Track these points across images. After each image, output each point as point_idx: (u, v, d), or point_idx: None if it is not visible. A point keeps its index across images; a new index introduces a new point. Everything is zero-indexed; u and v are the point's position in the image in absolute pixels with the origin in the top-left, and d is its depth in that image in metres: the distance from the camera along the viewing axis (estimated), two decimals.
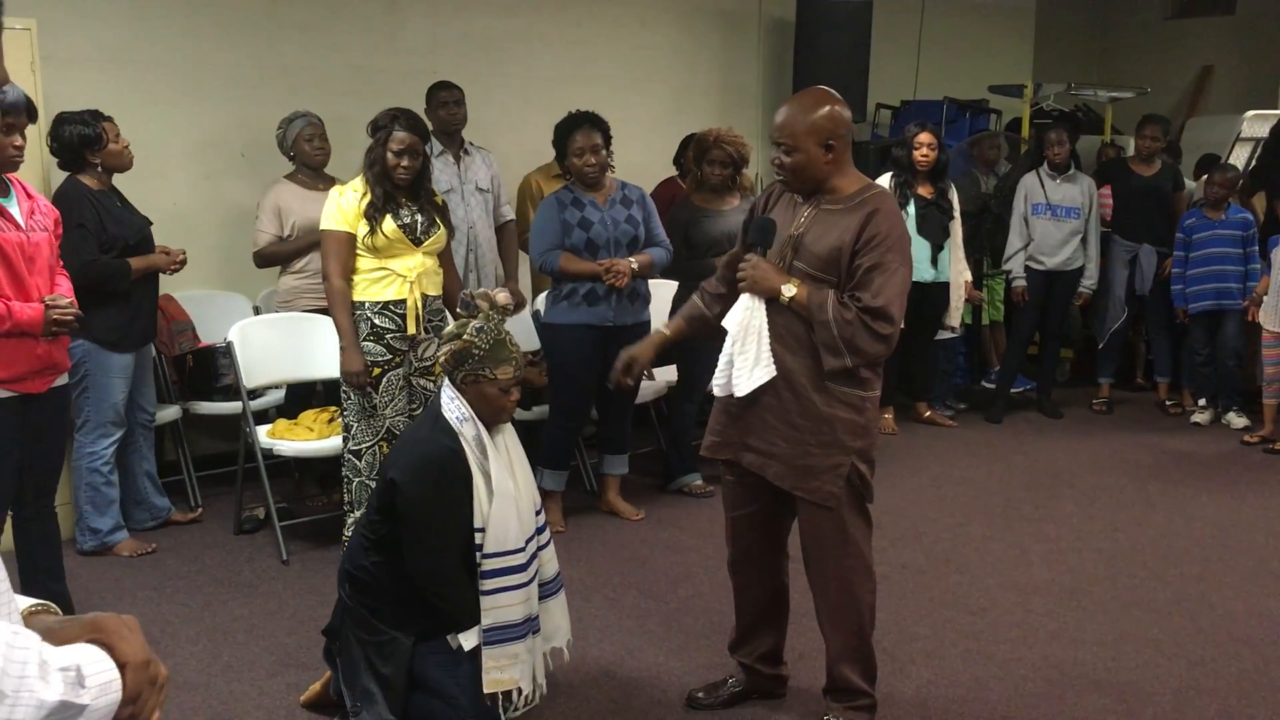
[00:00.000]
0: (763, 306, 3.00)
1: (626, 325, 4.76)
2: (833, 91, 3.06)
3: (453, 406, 3.03)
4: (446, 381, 3.08)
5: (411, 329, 4.25)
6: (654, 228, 4.89)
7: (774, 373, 2.98)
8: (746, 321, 3.02)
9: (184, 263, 4.60)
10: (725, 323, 3.09)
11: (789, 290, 2.95)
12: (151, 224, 4.59)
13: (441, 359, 3.06)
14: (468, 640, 3.01)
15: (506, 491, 3.02)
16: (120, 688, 1.04)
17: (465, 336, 3.04)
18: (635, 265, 4.71)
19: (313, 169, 5.10)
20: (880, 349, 2.92)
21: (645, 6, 7.18)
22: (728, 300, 3.22)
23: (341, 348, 4.22)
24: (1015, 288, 6.74)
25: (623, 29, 7.07)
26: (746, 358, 3.01)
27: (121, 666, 1.05)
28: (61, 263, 3.73)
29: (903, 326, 5.82)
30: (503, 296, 3.13)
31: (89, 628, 1.08)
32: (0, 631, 0.92)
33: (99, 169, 4.37)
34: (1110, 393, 7.07)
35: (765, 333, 2.99)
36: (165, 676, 1.10)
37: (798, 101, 3.01)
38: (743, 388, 3.02)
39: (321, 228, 4.29)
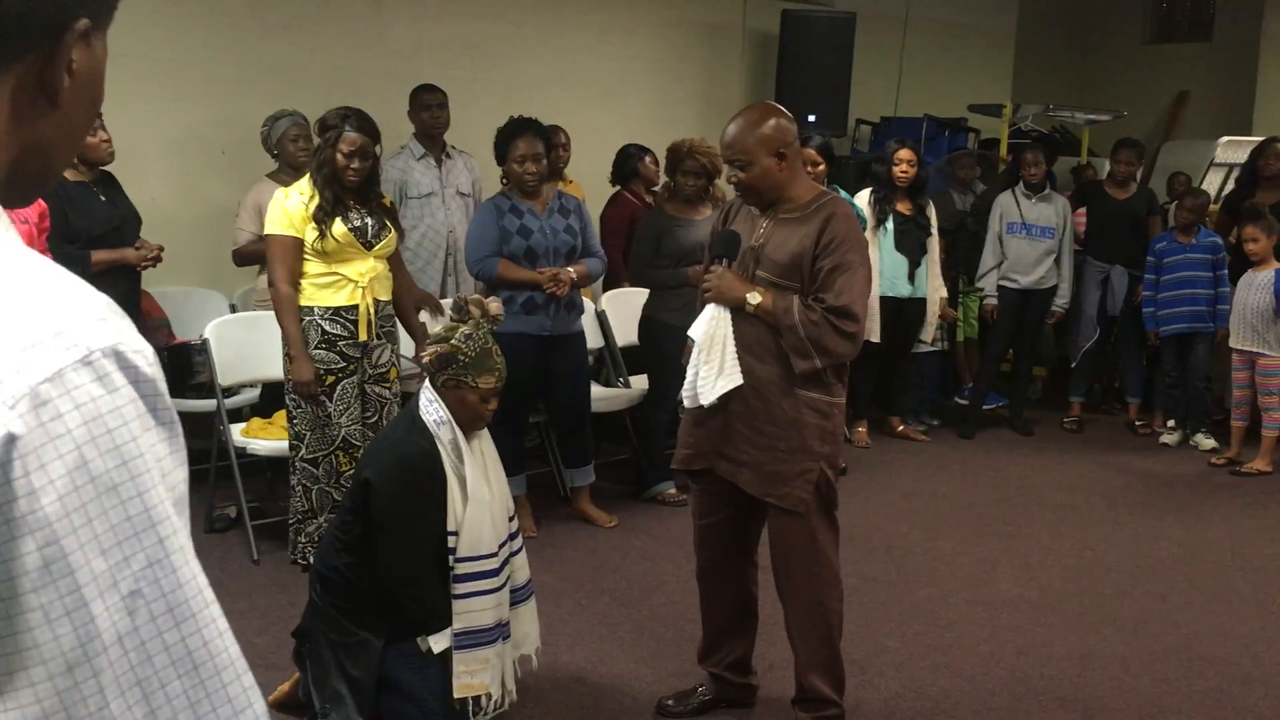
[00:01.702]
0: (728, 316, 3.05)
1: (562, 335, 4.77)
2: (775, 104, 3.14)
3: (431, 409, 3.03)
4: (426, 383, 3.08)
5: (364, 335, 4.15)
6: (589, 237, 4.88)
7: (740, 381, 3.02)
8: (712, 332, 3.06)
9: (159, 259, 4.57)
10: (691, 333, 3.13)
11: (754, 298, 3.00)
12: (140, 220, 4.57)
13: (426, 359, 3.06)
14: (438, 643, 3.01)
15: (481, 497, 3.03)
16: None
17: (453, 341, 3.03)
18: (574, 275, 4.71)
19: (296, 169, 5.07)
20: (847, 347, 2.97)
21: (630, 16, 7.21)
22: None
23: (290, 356, 4.11)
24: (986, 305, 6.80)
25: (607, 38, 7.10)
26: (711, 367, 3.05)
27: None
28: (50, 255, 3.71)
29: (877, 340, 5.98)
30: (495, 306, 3.11)
31: None
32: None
33: (75, 160, 4.37)
34: (1081, 412, 7.14)
35: (730, 342, 3.04)
36: None
37: (743, 117, 3.06)
38: (707, 396, 3.05)
39: (266, 232, 4.18)
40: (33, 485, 0.73)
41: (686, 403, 3.15)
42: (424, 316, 4.65)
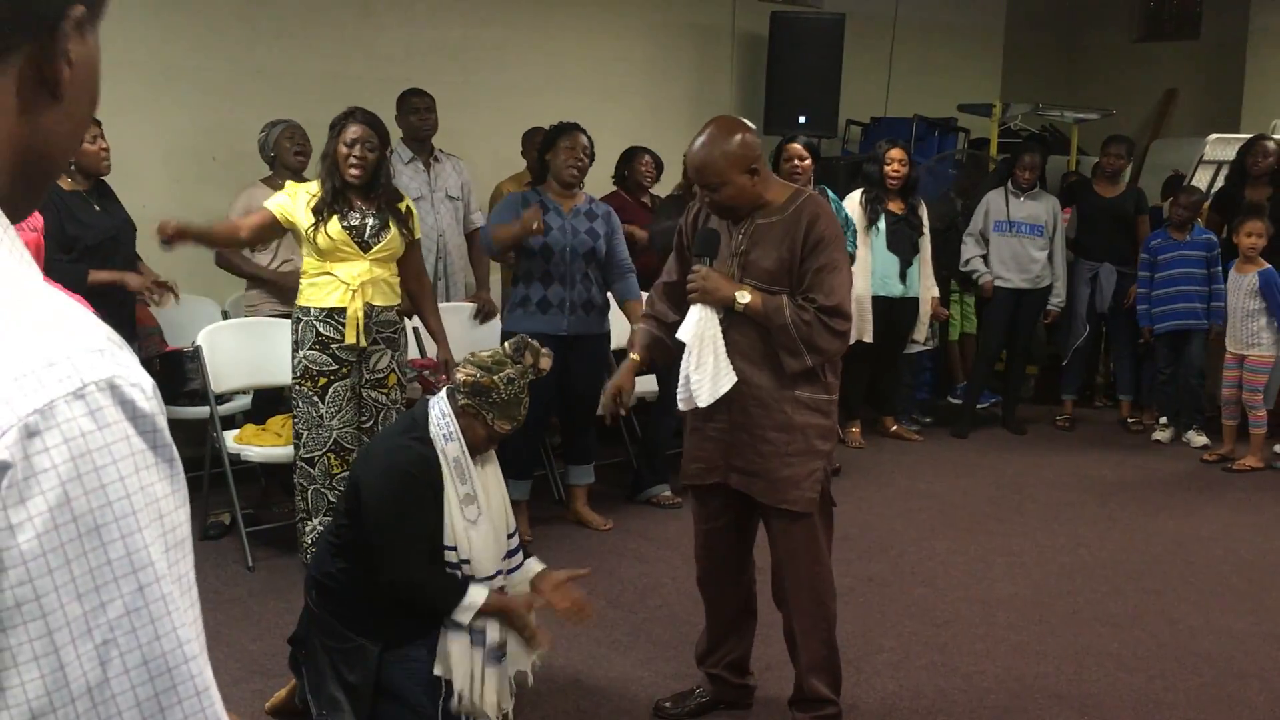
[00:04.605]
0: (715, 317, 3.04)
1: (583, 335, 4.77)
2: (736, 117, 3.15)
3: (443, 422, 3.01)
4: (443, 394, 3.07)
5: (350, 338, 4.13)
6: (616, 245, 4.87)
7: (734, 379, 3.01)
8: (700, 333, 3.05)
9: (162, 295, 4.40)
10: (680, 334, 3.12)
11: (743, 298, 2.99)
12: (135, 229, 4.56)
13: (460, 378, 3.04)
14: (465, 614, 2.92)
15: (481, 519, 3.02)
16: None
17: (495, 378, 2.99)
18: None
19: (292, 171, 5.07)
20: (838, 345, 2.99)
21: (619, 19, 7.21)
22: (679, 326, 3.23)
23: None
24: (984, 282, 6.75)
25: (596, 41, 7.11)
26: (704, 370, 3.04)
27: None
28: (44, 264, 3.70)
29: (870, 340, 5.98)
30: (545, 362, 3.07)
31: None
32: None
33: (71, 168, 4.35)
34: (1073, 410, 7.15)
35: (720, 342, 3.03)
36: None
37: (707, 138, 2.99)
38: (704, 398, 3.05)
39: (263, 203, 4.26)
40: (10, 520, 0.70)
41: (681, 405, 3.15)
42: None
